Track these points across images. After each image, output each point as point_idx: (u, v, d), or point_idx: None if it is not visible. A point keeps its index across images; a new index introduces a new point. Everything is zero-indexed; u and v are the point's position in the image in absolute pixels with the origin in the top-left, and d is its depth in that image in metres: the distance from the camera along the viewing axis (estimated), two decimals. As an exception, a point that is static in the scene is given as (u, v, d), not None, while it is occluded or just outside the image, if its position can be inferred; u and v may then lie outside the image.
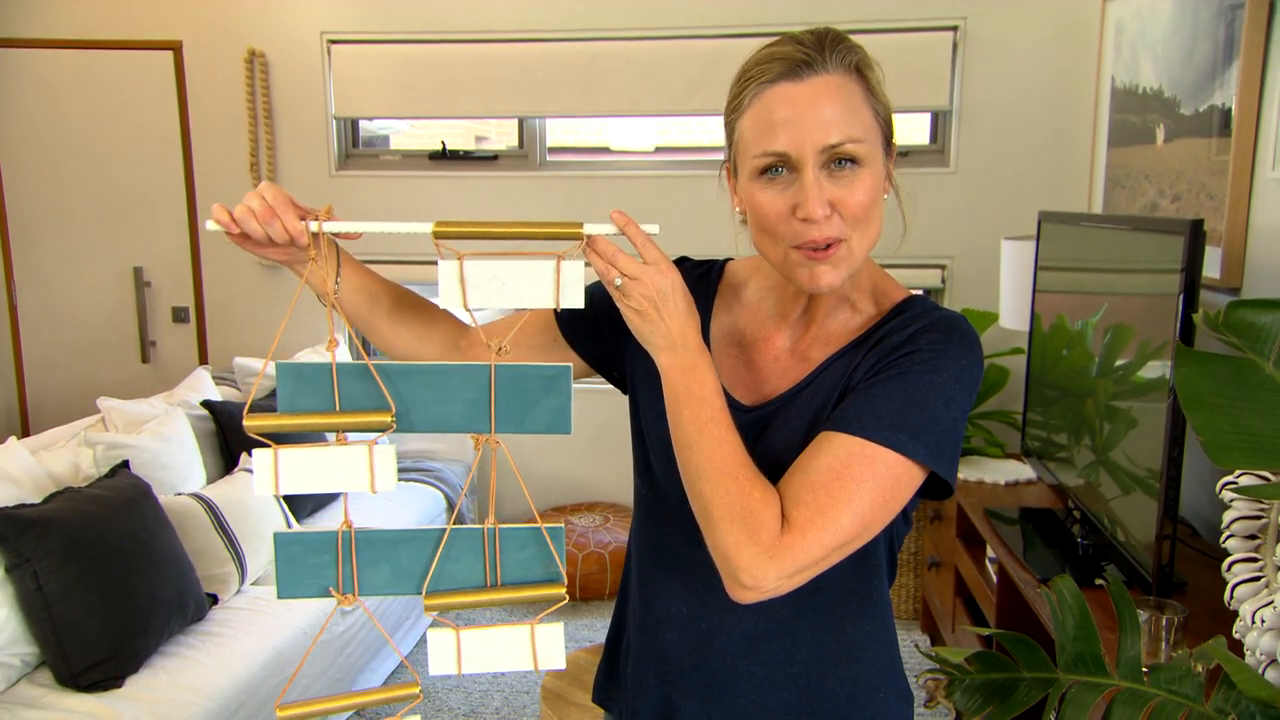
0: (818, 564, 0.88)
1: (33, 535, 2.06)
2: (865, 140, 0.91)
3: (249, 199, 0.93)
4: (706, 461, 0.90)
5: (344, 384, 0.89)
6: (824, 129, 0.90)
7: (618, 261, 0.90)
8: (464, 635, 0.93)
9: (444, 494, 3.44)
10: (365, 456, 0.89)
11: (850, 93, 0.92)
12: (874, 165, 0.93)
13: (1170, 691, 1.05)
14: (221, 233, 0.93)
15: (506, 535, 0.93)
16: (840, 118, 0.91)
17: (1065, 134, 3.31)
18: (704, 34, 3.44)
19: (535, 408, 0.91)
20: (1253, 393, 0.92)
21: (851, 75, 0.93)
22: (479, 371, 0.90)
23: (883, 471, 0.89)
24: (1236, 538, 1.48)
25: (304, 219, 0.93)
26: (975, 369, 0.95)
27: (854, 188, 0.92)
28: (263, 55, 3.68)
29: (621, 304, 0.92)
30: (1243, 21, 2.09)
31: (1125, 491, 1.93)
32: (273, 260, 0.98)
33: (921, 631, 3.25)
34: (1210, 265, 2.19)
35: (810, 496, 0.88)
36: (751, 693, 1.04)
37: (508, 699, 2.83)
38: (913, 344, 0.94)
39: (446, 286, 0.89)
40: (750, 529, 0.87)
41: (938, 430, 0.91)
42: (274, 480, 0.88)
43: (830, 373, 0.99)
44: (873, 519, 0.89)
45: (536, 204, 3.69)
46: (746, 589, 0.88)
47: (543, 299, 0.90)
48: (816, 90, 0.91)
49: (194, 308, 3.94)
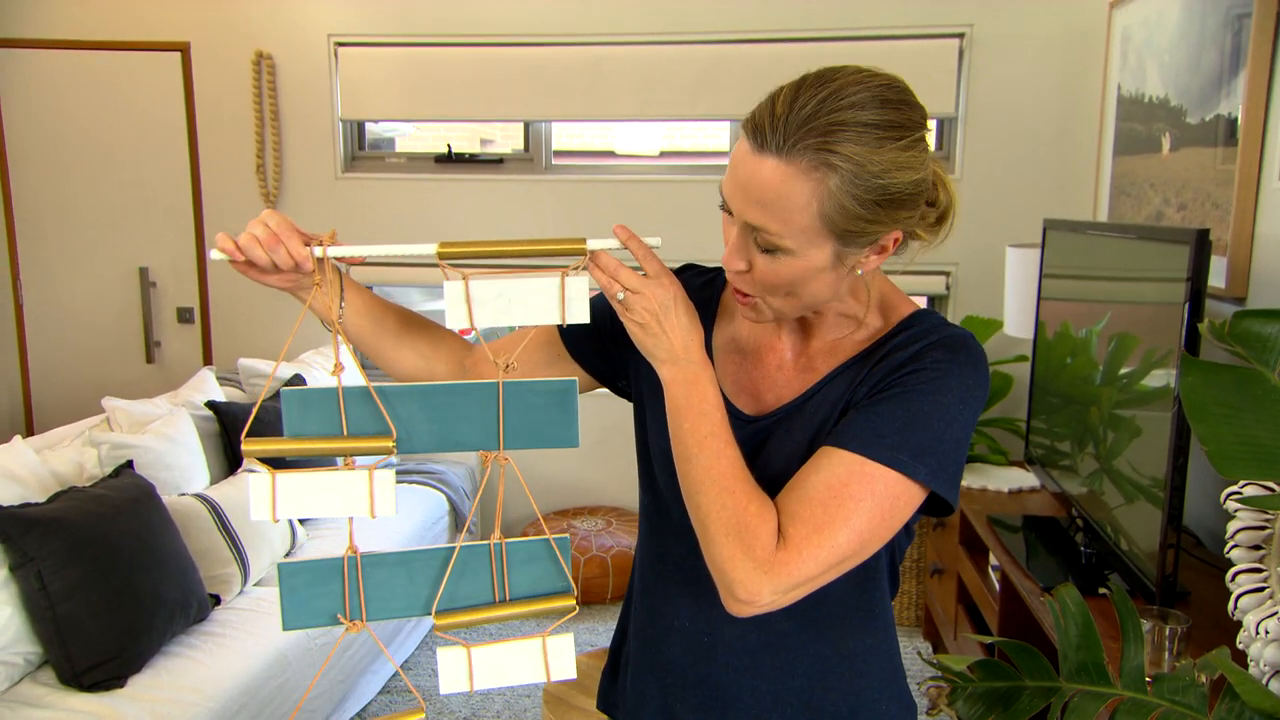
0: (813, 580, 0.88)
1: (37, 535, 2.06)
2: (788, 237, 0.87)
3: (252, 226, 0.93)
4: (704, 474, 0.90)
5: (350, 408, 0.89)
6: (749, 208, 0.88)
7: (620, 276, 0.91)
8: (475, 652, 0.93)
9: (446, 496, 3.45)
10: (364, 482, 0.89)
11: (793, 188, 0.85)
12: (805, 257, 0.89)
13: (1173, 702, 1.04)
14: (226, 261, 0.93)
15: (514, 549, 0.93)
16: (768, 206, 0.87)
17: (1071, 142, 3.31)
18: (709, 39, 3.44)
19: (543, 423, 0.91)
20: (1258, 403, 0.92)
21: (809, 171, 0.85)
22: (486, 390, 0.90)
23: (882, 490, 0.88)
24: (1240, 548, 1.47)
25: (308, 244, 0.93)
26: (981, 388, 0.94)
27: (771, 266, 0.90)
28: (270, 57, 3.69)
29: (624, 318, 0.93)
30: (1250, 31, 2.09)
31: (1129, 500, 1.92)
32: (276, 287, 0.97)
33: (924, 639, 3.24)
34: (1215, 275, 2.18)
35: (808, 513, 0.88)
36: (753, 706, 1.04)
37: (509, 702, 2.83)
38: (918, 361, 0.93)
39: (453, 306, 0.89)
40: (745, 543, 0.87)
41: (940, 450, 0.90)
42: (271, 506, 0.88)
43: (834, 386, 0.98)
44: (870, 537, 0.89)
45: (541, 207, 3.69)
46: (741, 603, 0.88)
47: (548, 315, 0.91)
48: (759, 169, 0.86)
49: (199, 308, 3.95)
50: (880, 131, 0.85)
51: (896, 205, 0.88)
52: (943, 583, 2.95)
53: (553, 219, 3.67)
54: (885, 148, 0.85)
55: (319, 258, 0.92)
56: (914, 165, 0.88)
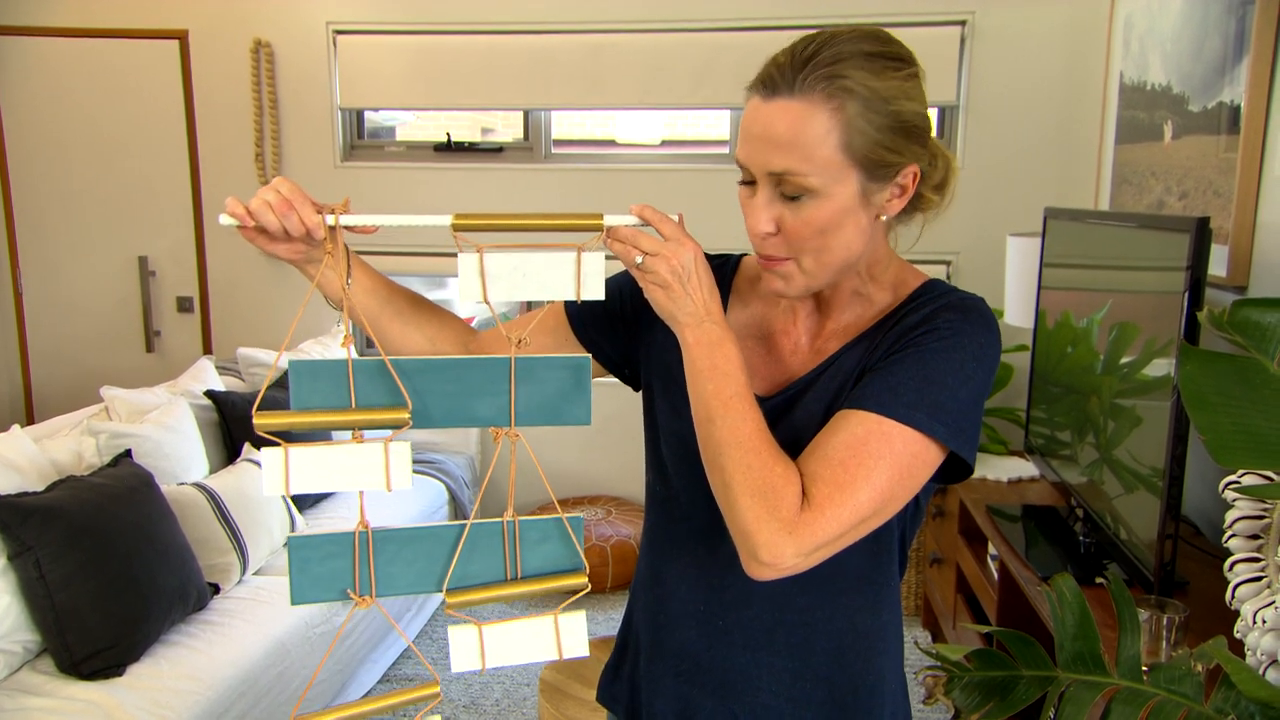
0: (836, 541, 0.88)
1: (35, 523, 2.06)
2: (813, 174, 0.89)
3: (264, 193, 0.91)
4: (729, 436, 0.89)
5: (359, 381, 0.87)
6: (771, 154, 0.89)
7: (639, 242, 0.90)
8: (486, 630, 0.91)
9: (446, 486, 3.45)
10: (379, 454, 0.86)
11: (811, 123, 0.88)
12: (832, 196, 0.90)
13: (1170, 691, 1.04)
14: (234, 227, 0.92)
15: (527, 527, 0.92)
16: (789, 147, 0.88)
17: (1073, 130, 3.29)
18: (709, 27, 3.43)
19: (556, 399, 0.90)
20: (1256, 392, 0.91)
21: (824, 102, 0.88)
22: (499, 365, 0.89)
23: (900, 448, 0.88)
24: (1239, 537, 1.47)
25: (320, 213, 0.92)
26: (993, 349, 0.94)
27: (800, 215, 0.91)
28: (269, 45, 3.68)
29: (645, 283, 0.91)
30: (1253, 17, 2.07)
31: (1128, 490, 1.92)
32: (282, 258, 0.96)
33: (923, 628, 3.25)
34: (1217, 263, 2.17)
35: (828, 473, 0.87)
36: (772, 685, 1.04)
37: (508, 690, 2.84)
38: (930, 323, 0.94)
39: (466, 279, 0.88)
40: (770, 505, 0.86)
41: (955, 408, 0.90)
42: (284, 479, 0.85)
43: (848, 357, 0.99)
44: (891, 496, 0.89)
45: (541, 196, 3.68)
46: (764, 565, 0.87)
47: (564, 290, 0.89)
48: (774, 114, 0.89)
49: (198, 297, 3.95)
50: (883, 61, 0.90)
51: (909, 135, 0.91)
52: (942, 572, 2.95)
53: (552, 208, 3.65)
54: (889, 76, 0.90)
55: (331, 226, 0.91)
56: (917, 97, 0.92)
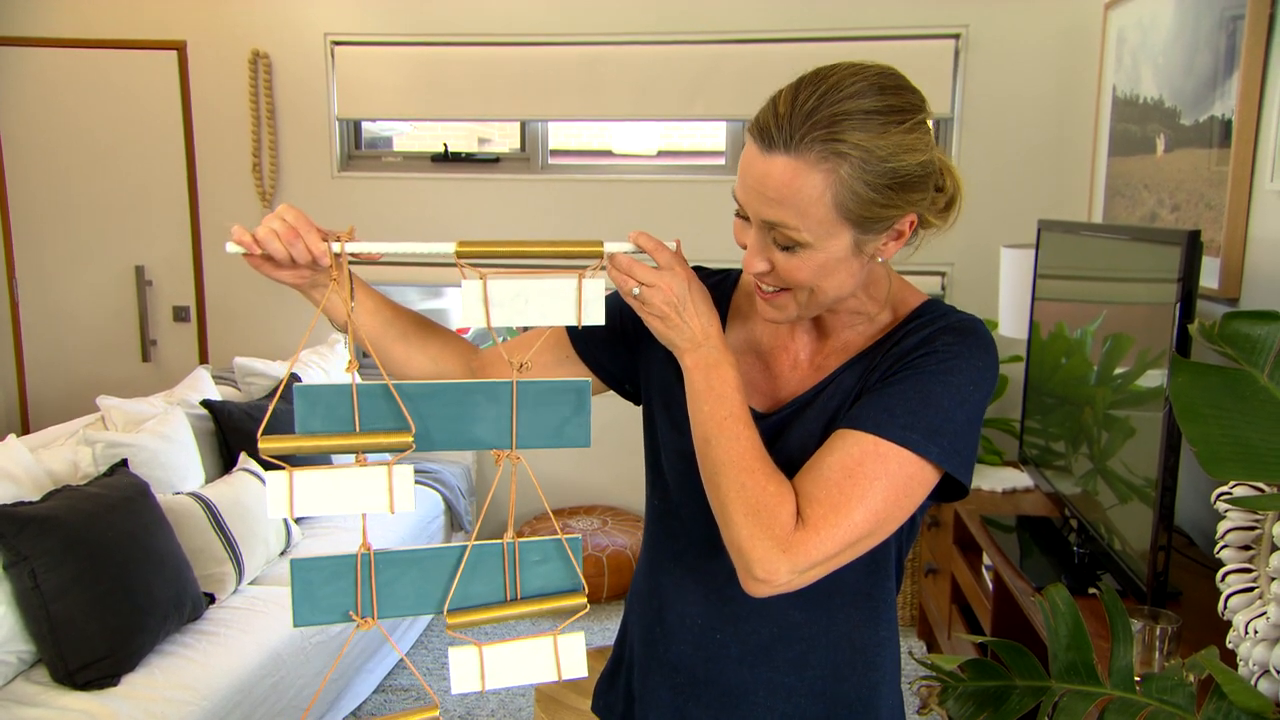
0: (830, 560, 0.89)
1: (31, 533, 2.06)
2: (805, 230, 0.89)
3: (269, 220, 0.92)
4: (724, 456, 0.91)
5: (362, 405, 0.88)
6: (764, 207, 0.90)
7: (634, 272, 0.92)
8: (486, 651, 0.92)
9: (442, 495, 3.44)
10: (383, 477, 0.88)
11: (805, 183, 0.87)
12: (824, 249, 0.90)
13: (1162, 701, 1.05)
14: (241, 254, 0.93)
15: (527, 548, 0.93)
16: (782, 203, 0.88)
17: (1066, 143, 3.31)
18: (706, 39, 3.45)
19: (556, 422, 0.92)
20: (1247, 404, 0.93)
21: (819, 163, 0.86)
22: (501, 388, 0.91)
23: (895, 469, 0.90)
24: (1231, 548, 1.48)
25: (325, 240, 0.93)
26: (990, 371, 0.95)
27: (791, 263, 0.92)
28: (266, 56, 3.69)
29: (643, 313, 0.94)
30: (1243, 33, 2.09)
31: (1122, 500, 1.93)
32: (287, 283, 0.97)
33: (918, 638, 3.25)
34: (1209, 275, 2.19)
35: (823, 493, 0.89)
36: (768, 699, 1.05)
37: (503, 701, 2.83)
38: (928, 345, 0.95)
39: (470, 305, 0.90)
40: (765, 523, 0.88)
41: (951, 430, 0.91)
42: (289, 503, 0.87)
43: (846, 377, 1.00)
44: (886, 517, 0.90)
45: (537, 207, 3.69)
46: (759, 582, 0.88)
47: (565, 316, 0.92)
48: (769, 168, 0.88)
49: (195, 307, 3.95)
50: (883, 117, 0.87)
51: (907, 188, 0.90)
52: (937, 582, 2.96)
53: (549, 219, 3.67)
54: (890, 132, 0.87)
55: (336, 254, 0.92)
56: (919, 147, 0.89)
